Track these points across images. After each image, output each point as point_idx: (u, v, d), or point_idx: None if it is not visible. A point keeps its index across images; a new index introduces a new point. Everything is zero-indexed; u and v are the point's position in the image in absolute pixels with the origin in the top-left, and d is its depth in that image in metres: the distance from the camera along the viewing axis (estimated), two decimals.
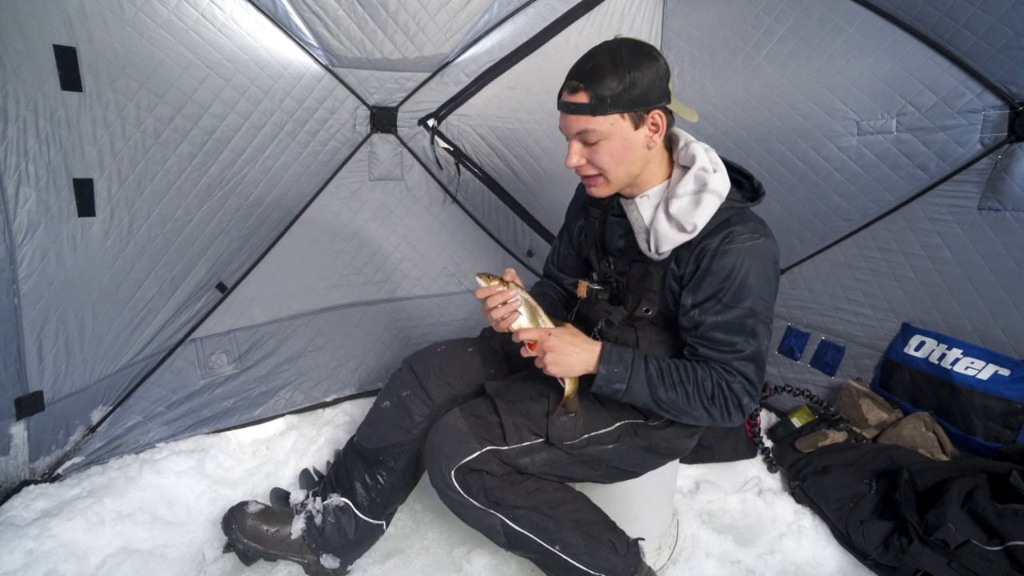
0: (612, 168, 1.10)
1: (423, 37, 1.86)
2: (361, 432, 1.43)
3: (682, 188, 1.10)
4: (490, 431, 1.22)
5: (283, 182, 1.88)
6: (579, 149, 1.10)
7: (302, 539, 1.36)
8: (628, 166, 1.10)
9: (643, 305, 1.20)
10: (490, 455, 1.20)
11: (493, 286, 1.12)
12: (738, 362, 1.09)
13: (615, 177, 1.11)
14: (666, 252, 1.12)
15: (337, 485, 1.41)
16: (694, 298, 1.11)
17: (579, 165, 1.11)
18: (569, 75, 1.08)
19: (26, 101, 1.31)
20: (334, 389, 2.16)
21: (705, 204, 1.07)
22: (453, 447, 1.20)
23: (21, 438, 1.49)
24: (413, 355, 1.47)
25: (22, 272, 1.39)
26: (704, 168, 1.10)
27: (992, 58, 1.46)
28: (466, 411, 1.27)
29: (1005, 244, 1.54)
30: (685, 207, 1.08)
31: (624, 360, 1.10)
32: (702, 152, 1.12)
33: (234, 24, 1.62)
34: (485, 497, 1.18)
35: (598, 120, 1.04)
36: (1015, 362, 1.57)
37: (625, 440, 1.25)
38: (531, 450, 1.22)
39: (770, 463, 1.84)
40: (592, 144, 1.08)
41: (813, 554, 1.49)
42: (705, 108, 2.10)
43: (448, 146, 2.14)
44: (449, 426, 1.25)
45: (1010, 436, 1.57)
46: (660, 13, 2.18)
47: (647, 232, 1.14)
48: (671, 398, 1.09)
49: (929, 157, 1.62)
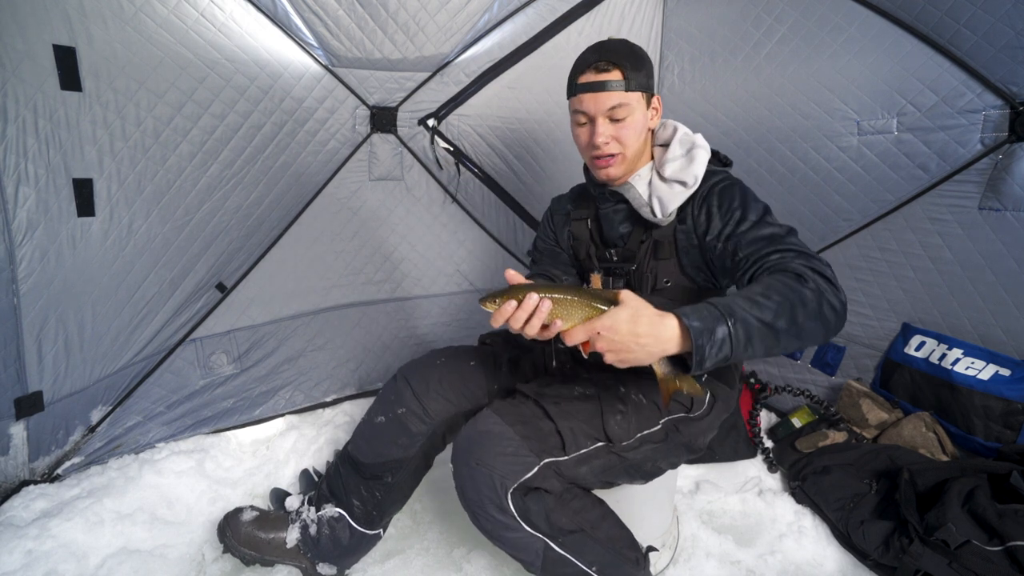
0: (633, 143, 1.17)
1: (423, 37, 1.86)
2: (356, 445, 1.34)
3: (671, 153, 1.20)
4: (545, 439, 1.10)
5: (283, 182, 1.88)
6: (607, 126, 1.15)
7: (297, 548, 1.35)
8: (641, 143, 1.20)
9: (661, 277, 1.23)
10: (548, 469, 1.09)
11: (506, 306, 0.93)
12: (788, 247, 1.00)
13: (632, 153, 1.19)
14: (672, 211, 1.18)
15: (332, 496, 1.36)
16: (718, 232, 1.12)
17: (607, 142, 1.16)
18: (590, 58, 1.15)
19: (26, 101, 1.31)
20: (334, 389, 2.16)
21: (698, 158, 1.18)
22: (508, 463, 1.06)
23: (21, 438, 1.49)
24: (409, 367, 1.36)
25: (22, 272, 1.39)
26: (686, 133, 1.24)
27: (992, 58, 1.46)
28: (507, 415, 1.13)
29: (1005, 244, 1.53)
30: (679, 166, 1.19)
31: (704, 308, 0.87)
32: (679, 124, 1.26)
33: (234, 24, 1.62)
34: (546, 523, 1.06)
35: (630, 96, 1.14)
36: (1015, 362, 1.56)
37: (671, 437, 1.22)
38: (589, 457, 1.13)
39: (770, 463, 1.84)
40: (619, 120, 1.15)
41: (813, 554, 1.49)
42: (705, 108, 2.10)
43: (448, 146, 2.14)
44: (494, 435, 1.09)
45: (1010, 436, 1.57)
46: (660, 13, 2.18)
47: (650, 203, 1.20)
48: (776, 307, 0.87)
49: (929, 157, 1.62)
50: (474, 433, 1.12)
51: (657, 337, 0.85)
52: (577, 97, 1.17)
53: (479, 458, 1.07)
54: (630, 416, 1.17)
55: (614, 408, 1.17)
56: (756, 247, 1.04)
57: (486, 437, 1.10)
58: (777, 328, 0.87)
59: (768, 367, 2.16)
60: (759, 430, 1.94)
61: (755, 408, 1.99)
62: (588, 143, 1.19)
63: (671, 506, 1.54)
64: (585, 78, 1.15)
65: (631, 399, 1.21)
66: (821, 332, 0.91)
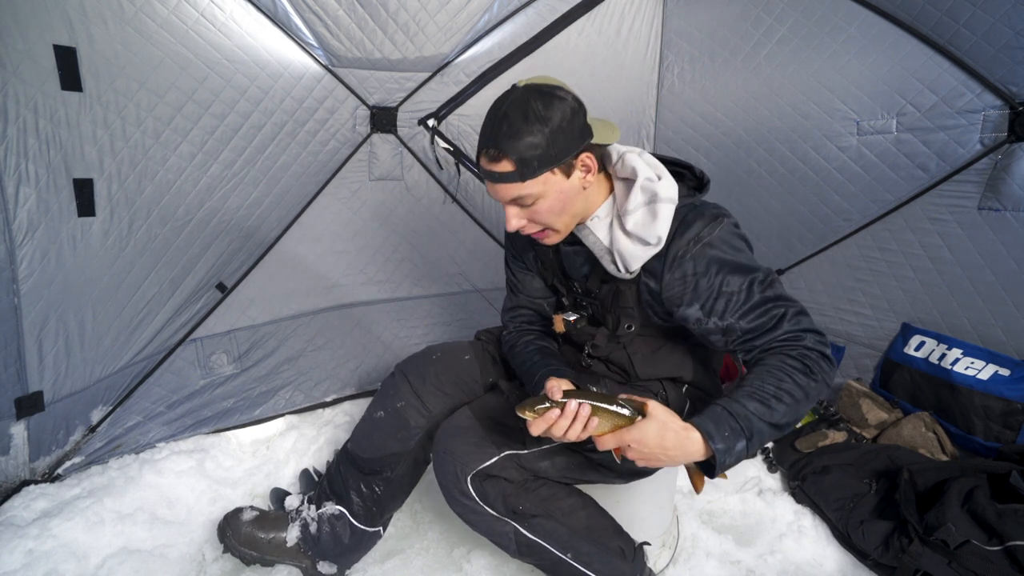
0: (555, 220, 1.05)
1: (423, 37, 1.86)
2: (355, 441, 1.36)
3: (632, 203, 1.04)
4: (508, 435, 1.16)
5: (283, 182, 1.88)
6: (517, 212, 1.04)
7: (298, 547, 1.35)
8: (570, 213, 1.06)
9: (624, 322, 1.16)
10: (508, 460, 1.14)
11: (549, 415, 0.93)
12: (789, 324, 0.98)
13: (563, 226, 1.07)
14: (636, 269, 1.06)
15: (332, 493, 1.36)
16: (703, 309, 1.03)
17: (521, 227, 1.06)
18: (484, 141, 1.00)
19: (26, 101, 1.31)
20: (334, 389, 2.16)
21: (662, 214, 1.02)
22: (469, 452, 1.14)
23: (21, 438, 1.49)
24: (406, 362, 1.39)
25: (22, 272, 1.39)
26: (649, 178, 1.04)
27: (992, 58, 1.46)
28: (478, 412, 1.22)
29: (1005, 244, 1.54)
30: (642, 221, 1.03)
31: (725, 423, 0.90)
32: (639, 161, 1.06)
33: (234, 24, 1.62)
34: (503, 505, 1.13)
35: (529, 184, 0.99)
36: (1015, 362, 1.57)
37: None
38: (550, 453, 1.17)
39: (770, 463, 1.84)
40: (529, 206, 1.02)
41: (813, 554, 1.49)
42: (705, 108, 2.10)
43: (448, 146, 2.14)
44: (462, 428, 1.19)
45: (1010, 436, 1.57)
46: (660, 13, 2.18)
47: (611, 254, 1.07)
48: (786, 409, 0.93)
49: (929, 157, 1.62)
50: (448, 427, 1.21)
51: (684, 451, 0.90)
52: None
53: (446, 447, 1.17)
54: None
55: None
56: (757, 333, 1.00)
57: (456, 430, 1.19)
58: (781, 426, 0.94)
59: None
60: None
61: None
62: None
63: (671, 506, 1.54)
64: (483, 162, 1.01)
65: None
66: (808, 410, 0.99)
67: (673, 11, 2.16)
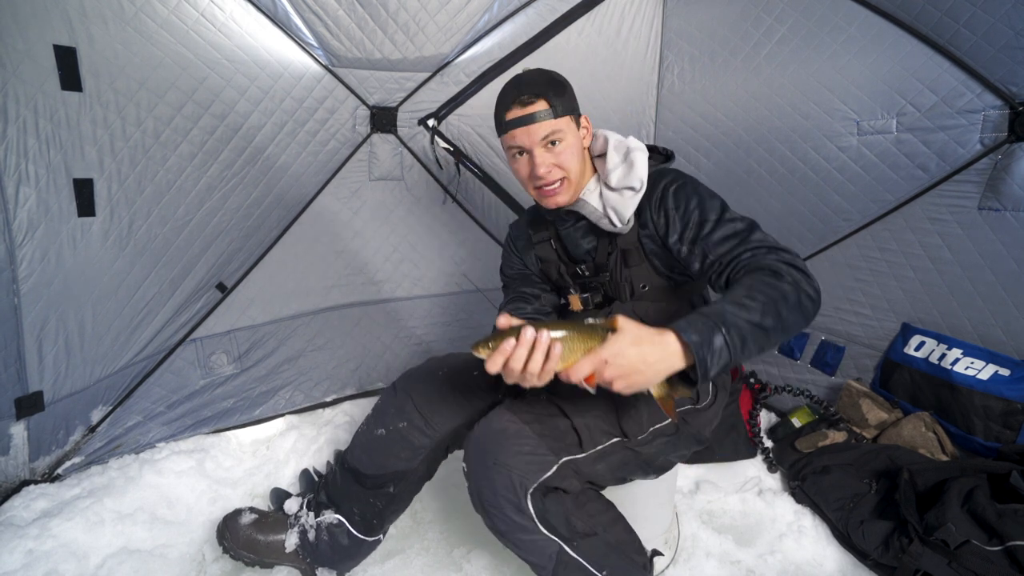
0: (574, 166, 1.18)
1: (423, 37, 1.86)
2: (356, 457, 1.31)
3: (611, 163, 1.21)
4: (561, 437, 1.07)
5: (283, 182, 1.88)
6: (545, 157, 1.16)
7: (296, 552, 1.34)
8: (581, 163, 1.20)
9: (638, 283, 1.24)
10: (566, 468, 1.06)
11: (504, 345, 0.86)
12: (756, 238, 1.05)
13: (575, 176, 1.19)
14: (630, 217, 1.18)
15: (331, 502, 1.33)
16: (679, 235, 1.13)
17: (547, 172, 1.16)
18: (512, 95, 1.15)
19: (26, 101, 1.31)
20: (334, 389, 2.17)
21: (638, 162, 1.19)
22: (526, 462, 1.03)
23: (21, 438, 1.49)
24: (409, 379, 1.32)
25: (22, 272, 1.39)
26: (619, 139, 1.24)
27: (992, 58, 1.46)
28: (522, 413, 1.10)
29: (1005, 244, 1.53)
30: (623, 173, 1.19)
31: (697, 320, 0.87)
32: (609, 133, 1.27)
33: (234, 24, 1.62)
34: (564, 524, 1.04)
35: (560, 121, 1.15)
36: (1015, 362, 1.56)
37: (681, 429, 1.22)
38: (605, 454, 1.11)
39: (770, 463, 1.84)
40: (555, 147, 1.15)
41: (813, 554, 1.49)
42: (705, 108, 2.10)
43: (448, 146, 2.14)
44: (510, 434, 1.06)
45: (1010, 436, 1.57)
46: (660, 13, 2.18)
47: (606, 215, 1.20)
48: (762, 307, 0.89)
49: (929, 157, 1.62)
50: (489, 431, 1.09)
51: (663, 355, 0.85)
52: (509, 134, 1.16)
53: (496, 457, 1.04)
54: (642, 410, 1.16)
55: (627, 403, 1.15)
56: (724, 248, 1.06)
57: (502, 436, 1.07)
58: (766, 327, 0.89)
59: (768, 367, 2.16)
60: (759, 430, 1.94)
61: (755, 408, 1.99)
62: (530, 174, 1.18)
63: (671, 506, 1.54)
64: (512, 114, 1.15)
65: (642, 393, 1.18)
66: (802, 322, 0.95)
67: (673, 11, 2.16)
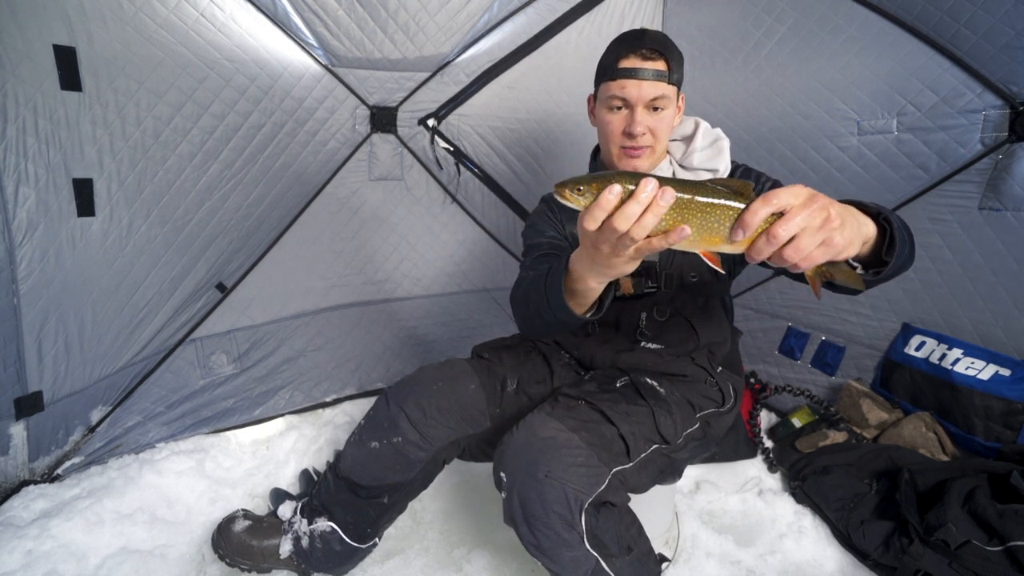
0: (665, 138, 1.16)
1: (423, 37, 1.86)
2: (349, 468, 1.25)
3: (699, 143, 1.20)
4: (609, 446, 1.00)
5: (283, 182, 1.88)
6: (646, 116, 1.12)
7: (291, 558, 1.33)
8: (667, 140, 1.18)
9: (688, 272, 1.21)
10: (616, 479, 1.00)
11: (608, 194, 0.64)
12: None
13: (661, 148, 1.17)
14: None
15: (324, 510, 1.30)
16: None
17: (644, 132, 1.12)
18: (634, 43, 1.09)
19: (26, 101, 1.31)
20: (334, 389, 2.16)
21: (725, 150, 1.19)
22: (581, 475, 0.95)
23: (21, 438, 1.49)
24: (402, 391, 1.23)
25: (22, 272, 1.39)
26: (709, 127, 1.24)
27: (993, 58, 1.46)
28: (567, 420, 1.02)
29: (1005, 244, 1.53)
30: (708, 156, 1.19)
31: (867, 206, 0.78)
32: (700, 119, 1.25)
33: (234, 24, 1.62)
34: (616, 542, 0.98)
35: (670, 88, 1.11)
36: (1015, 362, 1.56)
37: (706, 432, 1.19)
38: (647, 462, 1.06)
39: (770, 463, 1.84)
40: (658, 111, 1.12)
41: (813, 554, 1.49)
42: (705, 108, 2.10)
43: (448, 146, 2.14)
44: (560, 443, 0.97)
45: (1010, 436, 1.57)
46: (660, 13, 2.18)
47: None
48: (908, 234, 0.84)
49: (929, 157, 1.62)
50: (536, 440, 0.99)
51: (855, 214, 0.69)
52: (617, 82, 1.09)
53: (549, 469, 0.95)
54: (675, 415, 1.12)
55: (662, 408, 1.11)
56: None
57: (551, 445, 0.98)
58: (906, 240, 0.81)
59: (768, 367, 2.16)
60: (759, 430, 1.94)
61: (755, 408, 1.99)
62: (623, 131, 1.12)
63: (671, 506, 1.54)
64: (629, 62, 1.08)
65: (672, 397, 1.15)
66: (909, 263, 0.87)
67: (673, 11, 2.16)
